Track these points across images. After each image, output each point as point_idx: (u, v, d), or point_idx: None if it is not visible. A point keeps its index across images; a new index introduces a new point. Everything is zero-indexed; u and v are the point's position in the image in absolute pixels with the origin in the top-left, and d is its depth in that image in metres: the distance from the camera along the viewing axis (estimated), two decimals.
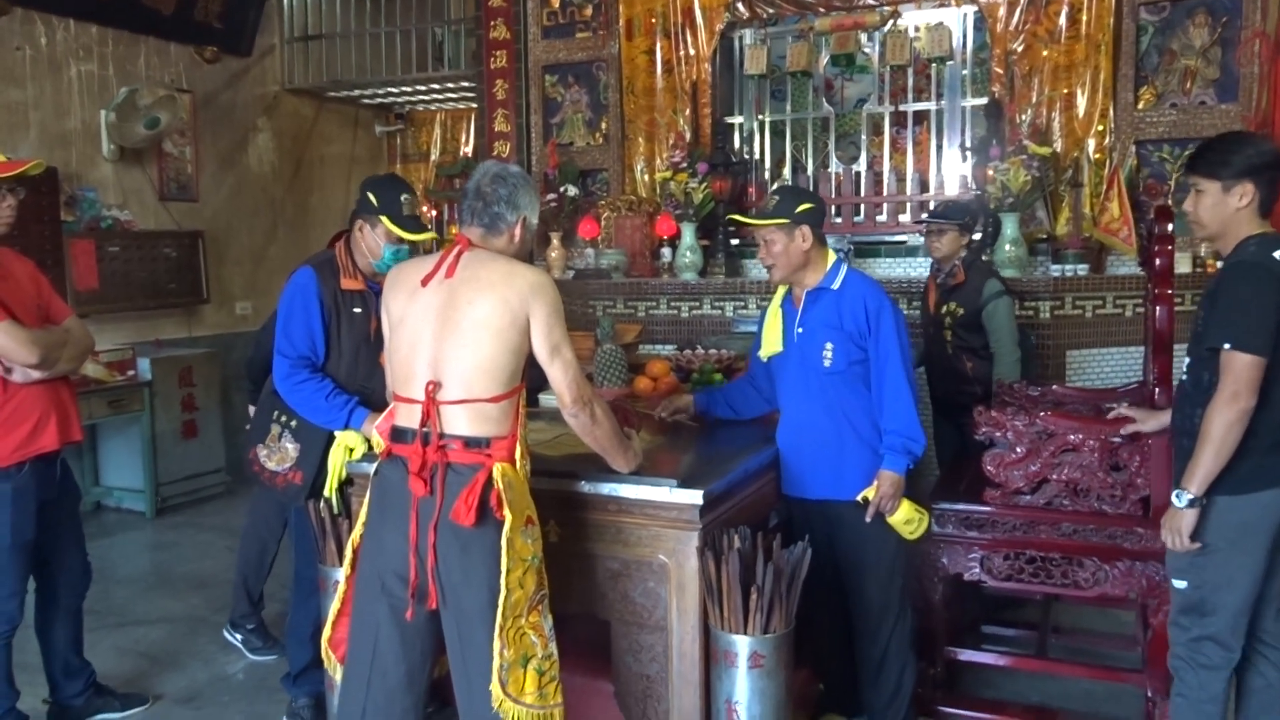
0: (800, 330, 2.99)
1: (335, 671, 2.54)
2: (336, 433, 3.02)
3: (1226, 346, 2.44)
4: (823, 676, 3.22)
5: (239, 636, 3.94)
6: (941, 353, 4.18)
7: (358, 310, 3.09)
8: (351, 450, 2.98)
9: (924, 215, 4.54)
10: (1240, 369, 2.42)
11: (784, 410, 3.09)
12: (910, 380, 2.93)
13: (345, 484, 3.00)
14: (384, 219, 2.96)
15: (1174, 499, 2.54)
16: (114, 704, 3.43)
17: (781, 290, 3.10)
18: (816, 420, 2.97)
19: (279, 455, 3.17)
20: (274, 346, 3.08)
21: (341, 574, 2.53)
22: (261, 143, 7.63)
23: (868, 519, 2.91)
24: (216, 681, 3.73)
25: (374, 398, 2.95)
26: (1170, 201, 5.11)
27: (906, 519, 2.93)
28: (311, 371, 3.03)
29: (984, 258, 4.61)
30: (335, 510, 2.95)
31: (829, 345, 2.92)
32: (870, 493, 2.89)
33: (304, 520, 3.11)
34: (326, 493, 2.99)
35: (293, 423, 3.14)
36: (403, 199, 2.99)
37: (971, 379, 4.05)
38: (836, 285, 2.97)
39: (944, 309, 4.15)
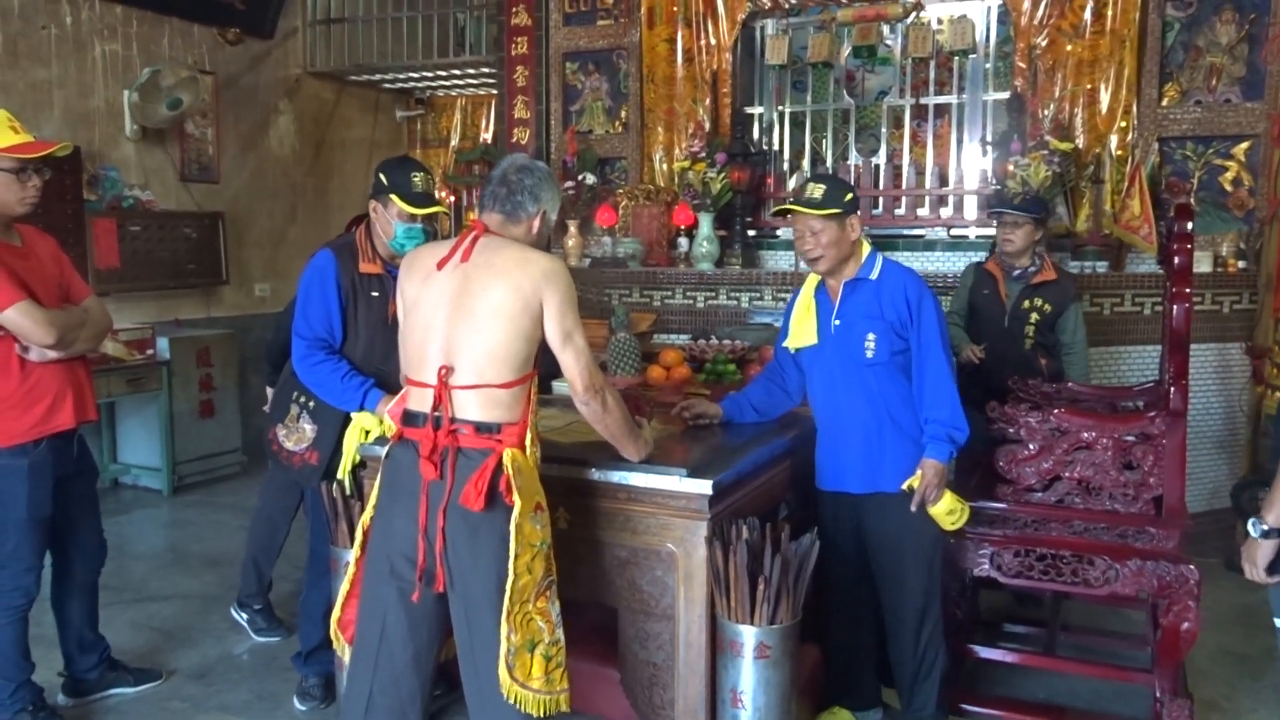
0: (838, 322, 2.94)
1: (343, 652, 2.57)
2: (353, 414, 3.04)
3: None
4: (832, 670, 3.22)
5: (245, 616, 3.98)
6: (1015, 347, 4.10)
7: (375, 294, 3.11)
8: (367, 433, 3.01)
9: (996, 205, 4.39)
10: None
11: (820, 404, 3.04)
12: (953, 368, 2.90)
13: (358, 467, 3.03)
14: (393, 196, 2.97)
15: (1249, 528, 2.33)
16: (127, 679, 3.47)
17: (812, 281, 3.04)
18: (857, 413, 2.94)
19: (296, 435, 3.22)
20: (292, 328, 3.11)
21: (352, 556, 2.55)
22: (282, 125, 7.65)
23: (912, 508, 2.87)
24: (228, 659, 3.77)
25: (390, 381, 2.97)
26: (1192, 199, 5.07)
27: (949, 509, 2.90)
28: (328, 353, 3.06)
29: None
30: (348, 492, 2.97)
31: (871, 336, 2.88)
32: (914, 481, 2.85)
33: (321, 500, 3.14)
34: (340, 474, 3.01)
35: (311, 404, 3.18)
36: (413, 176, 3.00)
37: (1047, 376, 3.99)
38: (875, 275, 2.93)
39: (1027, 304, 4.10)
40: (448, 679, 3.05)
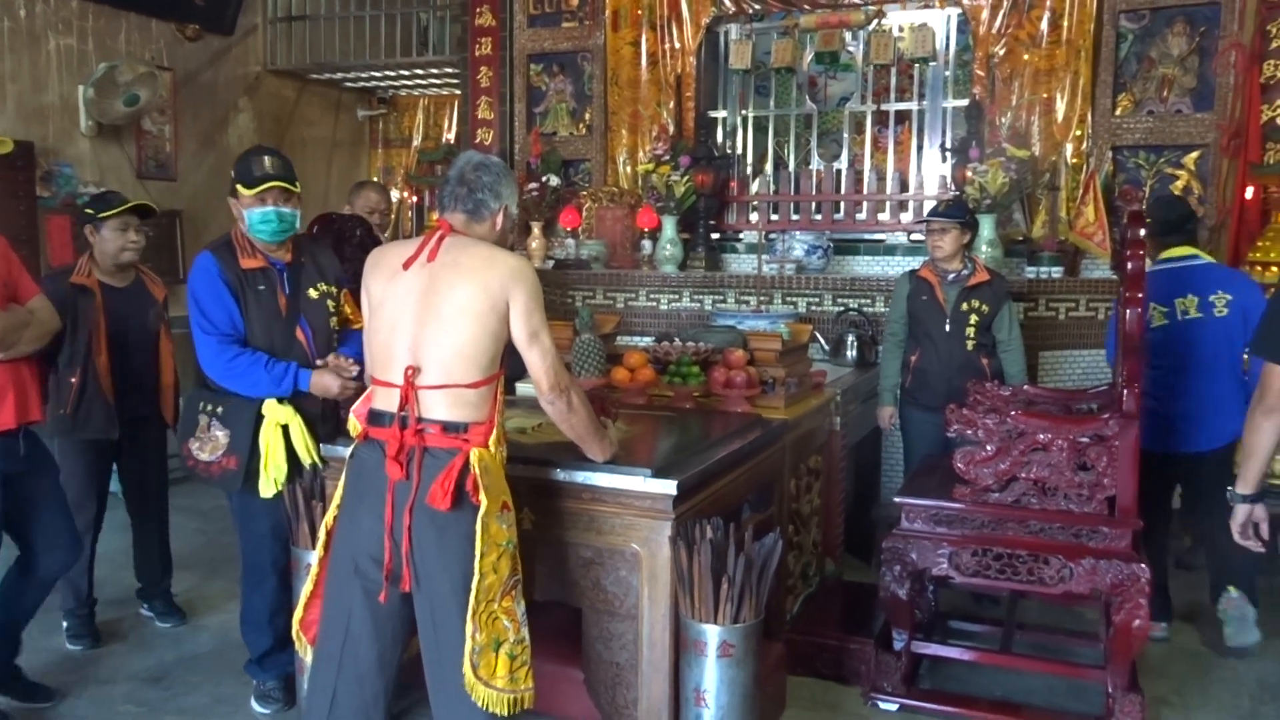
0: None
1: (306, 654, 2.55)
2: (264, 411, 3.04)
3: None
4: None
5: (65, 624, 3.86)
6: (959, 349, 4.22)
7: (262, 287, 3.10)
8: (285, 426, 3.02)
9: (925, 215, 4.56)
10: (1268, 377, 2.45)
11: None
12: None
13: (319, 466, 3.01)
14: (238, 186, 3.05)
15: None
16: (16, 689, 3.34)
17: None
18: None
19: (210, 445, 3.13)
20: (194, 333, 3.07)
21: (314, 556, 2.54)
22: (242, 123, 7.57)
23: None
24: (185, 661, 3.72)
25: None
26: (1144, 207, 5.18)
27: None
28: (241, 346, 3.05)
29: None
30: (311, 494, 2.94)
31: None
32: None
33: (249, 507, 3.12)
34: (270, 472, 3.03)
35: (219, 410, 3.12)
36: (259, 159, 3.06)
37: (990, 376, 4.12)
38: None
39: (966, 306, 4.21)
40: (405, 677, 3.03)
